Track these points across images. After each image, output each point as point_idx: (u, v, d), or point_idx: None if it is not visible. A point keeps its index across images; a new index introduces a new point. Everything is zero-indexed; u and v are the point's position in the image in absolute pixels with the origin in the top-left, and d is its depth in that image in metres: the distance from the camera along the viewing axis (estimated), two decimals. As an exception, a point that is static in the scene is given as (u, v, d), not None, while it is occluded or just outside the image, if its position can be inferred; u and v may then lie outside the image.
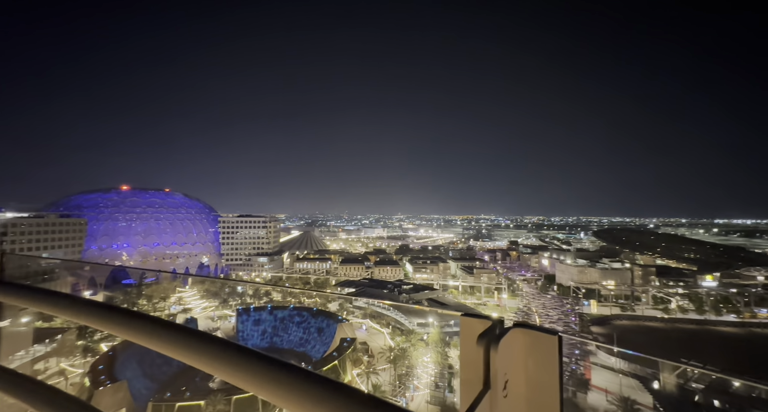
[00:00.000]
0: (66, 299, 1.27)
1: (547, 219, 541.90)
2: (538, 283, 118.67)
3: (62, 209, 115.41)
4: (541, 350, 1.03)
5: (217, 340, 0.95)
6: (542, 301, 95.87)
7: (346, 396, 0.67)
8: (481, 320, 1.05)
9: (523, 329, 1.06)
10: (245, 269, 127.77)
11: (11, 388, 1.19)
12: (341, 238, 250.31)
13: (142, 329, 1.07)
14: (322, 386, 0.69)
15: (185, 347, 0.96)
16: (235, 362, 0.84)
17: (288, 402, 0.71)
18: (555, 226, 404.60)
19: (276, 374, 0.74)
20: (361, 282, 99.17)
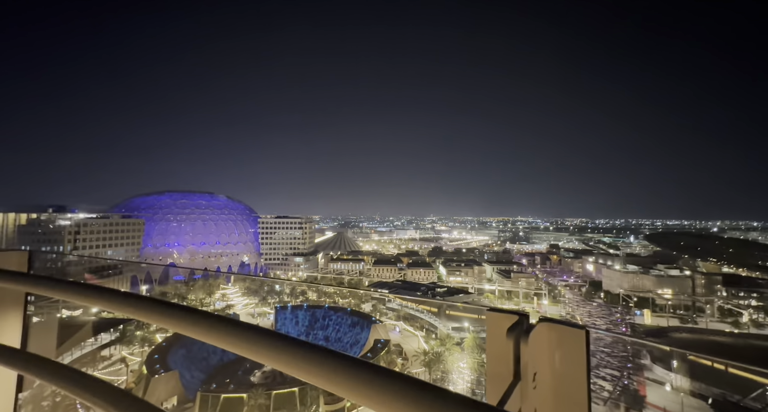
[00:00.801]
0: (92, 289, 1.36)
1: (590, 221, 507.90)
2: (582, 289, 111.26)
3: (124, 210, 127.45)
4: (569, 343, 1.06)
5: (252, 327, 0.97)
6: (587, 308, 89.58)
7: (398, 381, 0.67)
8: (508, 315, 1.08)
9: (550, 323, 1.09)
10: (282, 269, 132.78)
11: (52, 377, 1.25)
12: (373, 239, 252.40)
13: (160, 314, 1.13)
14: (374, 373, 0.70)
15: (210, 332, 1.01)
16: (275, 347, 0.85)
17: (337, 386, 0.72)
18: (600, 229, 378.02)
19: (321, 359, 0.75)
20: (394, 284, 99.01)
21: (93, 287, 1.38)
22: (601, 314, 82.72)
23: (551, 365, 1.07)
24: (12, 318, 1.96)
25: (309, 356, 0.79)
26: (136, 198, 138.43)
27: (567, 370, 1.06)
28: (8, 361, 1.44)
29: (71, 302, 1.42)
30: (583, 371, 1.05)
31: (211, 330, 1.00)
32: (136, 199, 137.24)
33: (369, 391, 0.68)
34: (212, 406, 39.72)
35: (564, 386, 1.06)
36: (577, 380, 1.05)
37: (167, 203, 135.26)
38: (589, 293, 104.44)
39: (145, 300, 1.22)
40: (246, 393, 40.95)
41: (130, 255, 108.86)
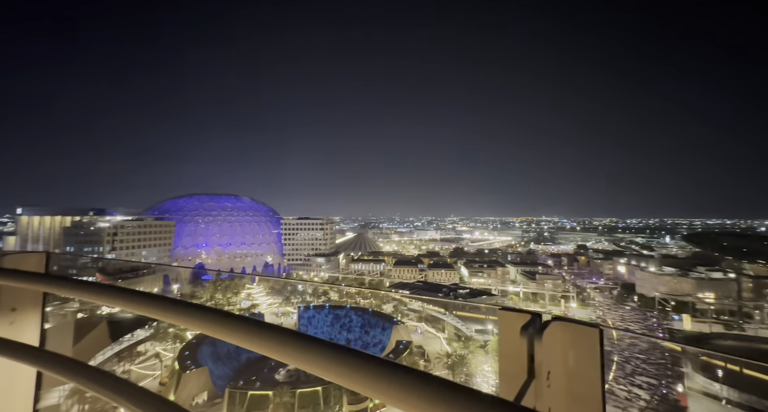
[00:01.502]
0: (108, 289, 1.41)
1: (621, 221, 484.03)
2: (614, 292, 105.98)
3: (156, 212, 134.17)
4: (583, 342, 1.06)
5: (267, 325, 0.98)
6: (620, 312, 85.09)
7: (419, 379, 0.67)
8: (520, 313, 1.08)
9: (563, 322, 1.09)
10: (305, 269, 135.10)
11: (70, 373, 1.30)
12: (394, 240, 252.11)
13: (170, 312, 1.17)
14: (396, 370, 0.71)
15: (220, 329, 1.03)
16: (295, 346, 0.86)
17: (364, 387, 0.72)
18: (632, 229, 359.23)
19: (346, 359, 0.76)
20: (415, 285, 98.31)
21: (109, 286, 1.43)
22: (634, 319, 78.30)
23: (565, 364, 1.08)
24: (31, 317, 2.03)
25: (329, 354, 0.80)
26: (168, 201, 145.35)
27: (581, 369, 1.06)
28: (28, 358, 1.49)
29: (88, 301, 1.47)
30: (597, 369, 1.05)
31: (225, 328, 1.01)
32: (167, 202, 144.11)
33: (389, 388, 0.69)
34: (240, 402, 40.82)
35: (578, 384, 1.06)
36: (591, 379, 1.06)
37: (195, 206, 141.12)
38: (621, 296, 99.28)
39: (160, 299, 1.24)
40: (272, 391, 41.80)
41: (162, 255, 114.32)
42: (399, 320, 70.22)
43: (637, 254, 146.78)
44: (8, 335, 1.81)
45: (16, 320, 1.97)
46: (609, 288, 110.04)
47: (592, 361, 1.05)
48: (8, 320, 1.95)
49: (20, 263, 2.10)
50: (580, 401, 1.06)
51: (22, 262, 2.11)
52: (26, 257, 2.14)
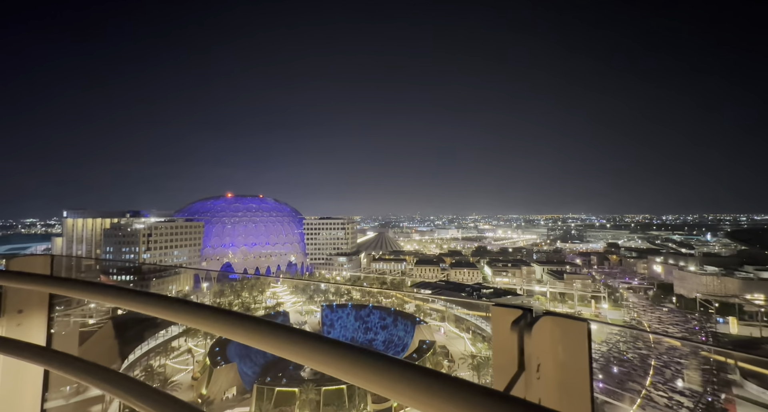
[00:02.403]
0: (113, 289, 1.44)
1: (656, 217, 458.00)
2: (649, 293, 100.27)
3: (186, 214, 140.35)
4: (571, 336, 1.10)
5: (281, 327, 0.97)
6: (656, 314, 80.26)
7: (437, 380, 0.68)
8: (513, 309, 1.12)
9: (552, 316, 1.13)
10: (327, 268, 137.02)
11: (76, 372, 1.34)
12: (414, 239, 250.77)
13: (170, 310, 1.20)
14: (413, 371, 0.71)
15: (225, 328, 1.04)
16: (311, 348, 0.86)
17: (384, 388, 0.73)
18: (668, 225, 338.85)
19: (358, 359, 0.77)
20: (437, 284, 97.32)
21: (113, 287, 1.45)
22: (673, 321, 73.57)
23: (554, 356, 1.11)
24: (37, 318, 2.10)
25: (326, 350, 0.81)
26: (196, 203, 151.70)
27: (569, 361, 1.10)
28: (35, 358, 1.54)
29: (93, 302, 1.56)
30: (585, 362, 1.09)
31: (230, 326, 1.02)
32: (196, 204, 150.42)
33: (381, 379, 0.70)
34: (267, 398, 41.85)
35: (567, 376, 1.10)
36: (579, 371, 1.09)
37: (222, 207, 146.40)
38: (657, 297, 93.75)
39: (164, 299, 1.25)
40: (298, 388, 42.57)
41: (192, 255, 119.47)
42: (422, 319, 69.68)
43: (675, 253, 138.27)
44: (16, 336, 1.89)
45: (23, 321, 2.04)
46: (644, 288, 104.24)
47: (580, 353, 1.09)
48: (15, 321, 2.02)
49: (26, 265, 2.17)
50: (568, 391, 1.10)
51: (28, 264, 2.18)
52: (32, 259, 2.21)
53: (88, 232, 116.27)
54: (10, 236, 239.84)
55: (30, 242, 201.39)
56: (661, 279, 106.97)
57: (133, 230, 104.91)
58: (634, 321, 75.02)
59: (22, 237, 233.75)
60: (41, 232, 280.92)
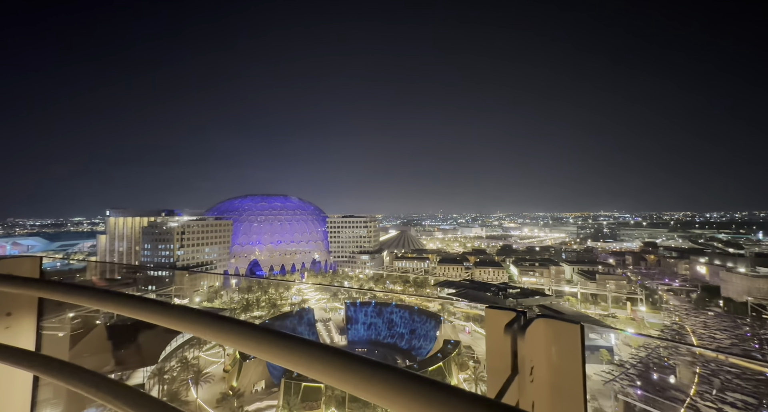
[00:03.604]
0: (103, 293, 1.40)
1: (698, 215, 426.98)
2: (692, 295, 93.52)
3: (216, 212, 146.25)
4: (565, 338, 1.10)
5: (258, 328, 0.96)
6: (701, 319, 74.66)
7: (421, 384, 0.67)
8: (506, 311, 1.12)
9: (546, 319, 1.13)
10: (350, 266, 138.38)
11: (66, 377, 1.29)
12: (437, 237, 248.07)
13: (156, 313, 1.18)
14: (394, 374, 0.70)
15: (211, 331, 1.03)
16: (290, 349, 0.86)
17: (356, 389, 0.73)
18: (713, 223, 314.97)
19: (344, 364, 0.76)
20: (461, 283, 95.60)
21: (105, 291, 1.41)
22: (721, 327, 68.07)
23: (548, 359, 1.11)
24: (26, 322, 2.02)
25: (315, 354, 0.81)
26: (225, 202, 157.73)
27: (563, 363, 1.10)
28: (24, 363, 1.48)
29: (84, 306, 1.45)
30: (578, 364, 1.09)
31: (222, 332, 1.01)
32: (224, 203, 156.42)
33: (374, 387, 0.69)
34: (294, 393, 42.75)
35: (560, 379, 1.10)
36: (573, 374, 1.09)
37: (249, 206, 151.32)
38: (702, 300, 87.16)
39: (157, 304, 1.22)
40: (324, 384, 43.11)
41: (222, 252, 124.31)
42: (446, 318, 68.72)
43: (722, 253, 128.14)
44: (4, 340, 1.80)
45: (11, 324, 1.97)
46: (686, 291, 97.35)
47: (573, 356, 1.09)
48: (4, 324, 1.95)
49: (14, 267, 2.10)
50: (562, 394, 1.09)
51: (17, 266, 2.11)
52: (20, 261, 2.12)
53: (128, 230, 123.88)
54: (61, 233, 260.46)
55: (78, 239, 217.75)
56: (705, 281, 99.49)
57: (168, 228, 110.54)
58: (676, 325, 70.17)
59: (71, 234, 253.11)
60: (87, 229, 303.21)
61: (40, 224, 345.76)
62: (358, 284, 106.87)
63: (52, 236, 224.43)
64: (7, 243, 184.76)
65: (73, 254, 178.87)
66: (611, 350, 57.02)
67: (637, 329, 69.21)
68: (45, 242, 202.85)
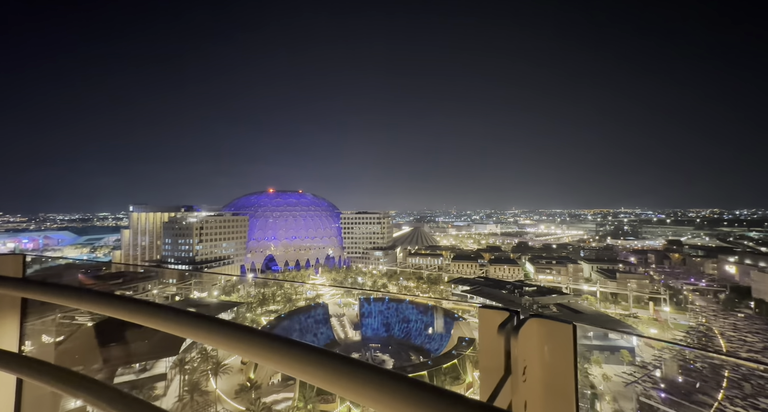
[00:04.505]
0: (88, 293, 1.36)
1: (727, 212, 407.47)
2: (720, 296, 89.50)
3: (232, 208, 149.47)
4: (557, 338, 1.10)
5: (245, 328, 0.96)
6: (731, 320, 71.40)
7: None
8: (499, 311, 1.12)
9: (539, 319, 1.14)
10: (363, 262, 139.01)
11: (50, 379, 1.25)
12: (451, 234, 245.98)
13: (152, 315, 1.14)
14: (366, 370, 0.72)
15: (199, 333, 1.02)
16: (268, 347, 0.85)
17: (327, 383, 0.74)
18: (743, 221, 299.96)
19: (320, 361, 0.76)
20: (475, 280, 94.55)
21: (91, 292, 1.37)
22: (752, 329, 64.80)
23: (541, 359, 1.11)
24: (9, 323, 1.96)
25: (299, 354, 0.80)
26: (241, 198, 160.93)
27: (555, 363, 1.10)
28: (7, 365, 1.44)
29: (68, 306, 1.39)
30: (570, 364, 1.10)
31: (210, 333, 0.99)
32: (241, 199, 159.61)
33: (365, 390, 0.69)
34: (310, 386, 43.35)
35: (553, 378, 1.10)
36: (565, 373, 1.10)
37: (265, 202, 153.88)
38: (731, 301, 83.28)
39: (144, 305, 1.20)
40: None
41: (239, 247, 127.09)
42: (460, 315, 68.15)
43: (753, 252, 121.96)
44: None
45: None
46: (713, 291, 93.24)
47: (566, 356, 1.09)
48: None
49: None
50: (554, 394, 1.10)
51: None
52: (2, 260, 2.05)
53: (150, 225, 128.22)
54: (88, 227, 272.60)
55: (104, 233, 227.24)
56: (735, 282, 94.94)
57: (188, 223, 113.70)
58: (703, 327, 67.29)
59: (97, 229, 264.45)
60: (112, 224, 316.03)
61: (68, 218, 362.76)
62: (371, 279, 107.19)
63: (80, 230, 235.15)
64: (39, 237, 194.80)
65: (99, 247, 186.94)
66: (632, 351, 55.29)
67: (662, 331, 66.70)
68: (74, 236, 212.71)
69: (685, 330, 67.06)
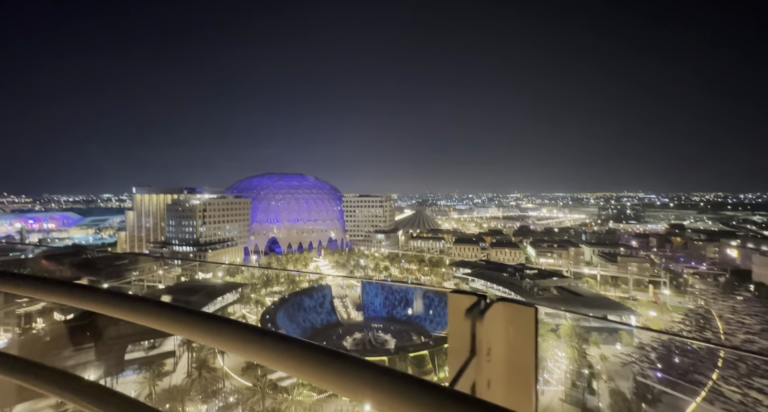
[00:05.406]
0: (59, 285, 1.29)
1: (731, 196, 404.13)
2: (720, 279, 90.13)
3: (235, 191, 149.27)
4: (520, 320, 1.16)
5: (223, 320, 0.95)
6: (729, 303, 72.16)
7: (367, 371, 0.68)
8: (468, 296, 1.17)
9: (504, 302, 1.19)
10: (366, 245, 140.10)
11: (10, 371, 1.19)
12: (453, 217, 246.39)
13: (128, 308, 1.09)
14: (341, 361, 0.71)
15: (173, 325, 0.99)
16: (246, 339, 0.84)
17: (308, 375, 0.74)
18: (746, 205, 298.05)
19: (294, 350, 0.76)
20: (477, 263, 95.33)
21: (57, 282, 1.30)
22: (750, 312, 65.57)
23: (505, 340, 1.17)
24: None
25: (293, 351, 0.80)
26: (244, 180, 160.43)
27: (518, 343, 1.16)
28: None
29: (37, 299, 1.32)
30: (531, 344, 1.15)
31: (181, 324, 0.98)
32: (243, 181, 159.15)
33: (351, 383, 0.69)
34: (315, 364, 44.54)
35: (515, 358, 1.16)
36: (526, 352, 1.16)
37: (267, 184, 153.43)
38: (730, 285, 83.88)
39: (119, 297, 1.15)
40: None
41: (242, 229, 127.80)
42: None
43: (755, 235, 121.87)
44: None
45: None
46: (714, 274, 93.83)
47: (527, 336, 1.15)
48: None
49: None
50: (516, 372, 1.16)
51: None
52: None
53: (154, 206, 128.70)
54: (92, 208, 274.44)
55: (108, 215, 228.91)
56: (736, 265, 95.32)
57: (191, 205, 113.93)
58: (701, 309, 68.09)
59: (101, 210, 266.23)
60: (116, 206, 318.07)
61: (72, 200, 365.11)
62: (373, 262, 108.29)
63: (84, 212, 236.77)
64: (45, 218, 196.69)
65: (104, 228, 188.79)
66: (631, 333, 56.34)
67: (661, 314, 67.56)
68: (78, 217, 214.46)
69: (684, 313, 67.93)
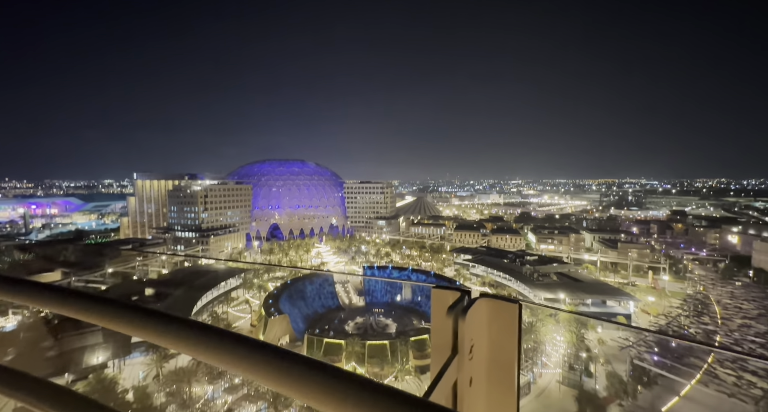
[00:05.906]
0: (50, 291, 1.18)
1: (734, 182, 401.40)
2: (719, 265, 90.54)
3: (236, 177, 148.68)
4: (503, 316, 1.14)
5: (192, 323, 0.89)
6: (728, 289, 72.76)
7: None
8: (452, 291, 1.14)
9: (487, 298, 1.17)
10: (367, 231, 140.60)
11: None
12: (454, 204, 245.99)
13: (119, 317, 0.98)
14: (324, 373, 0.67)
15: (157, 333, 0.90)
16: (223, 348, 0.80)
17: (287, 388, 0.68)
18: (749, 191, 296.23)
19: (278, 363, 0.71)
20: (477, 250, 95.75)
21: (34, 284, 1.20)
22: (749, 297, 66.15)
23: (488, 337, 1.15)
24: None
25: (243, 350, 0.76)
26: (245, 166, 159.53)
27: (501, 340, 1.14)
28: None
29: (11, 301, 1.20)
30: (514, 340, 1.14)
31: (157, 331, 0.90)
32: (245, 168, 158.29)
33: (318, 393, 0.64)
34: (317, 348, 45.50)
35: (497, 355, 1.15)
36: (509, 349, 1.14)
37: (268, 171, 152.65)
38: (729, 270, 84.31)
39: (102, 301, 1.05)
40: (344, 340, 45.61)
41: (244, 215, 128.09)
42: (462, 284, 69.87)
43: (757, 222, 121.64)
44: None
45: None
46: (713, 260, 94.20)
47: (510, 332, 1.14)
48: None
49: None
50: (498, 369, 1.15)
51: None
52: None
53: (155, 192, 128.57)
54: (93, 194, 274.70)
55: (110, 200, 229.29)
56: (736, 251, 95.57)
57: (192, 191, 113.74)
58: (700, 295, 68.72)
59: (102, 196, 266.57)
60: (117, 191, 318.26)
61: (74, 185, 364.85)
62: (375, 248, 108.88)
63: (86, 197, 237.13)
64: (47, 203, 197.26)
65: (107, 214, 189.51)
66: (629, 317, 57.07)
67: (659, 299, 68.23)
68: (80, 202, 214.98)
69: (682, 298, 68.60)
